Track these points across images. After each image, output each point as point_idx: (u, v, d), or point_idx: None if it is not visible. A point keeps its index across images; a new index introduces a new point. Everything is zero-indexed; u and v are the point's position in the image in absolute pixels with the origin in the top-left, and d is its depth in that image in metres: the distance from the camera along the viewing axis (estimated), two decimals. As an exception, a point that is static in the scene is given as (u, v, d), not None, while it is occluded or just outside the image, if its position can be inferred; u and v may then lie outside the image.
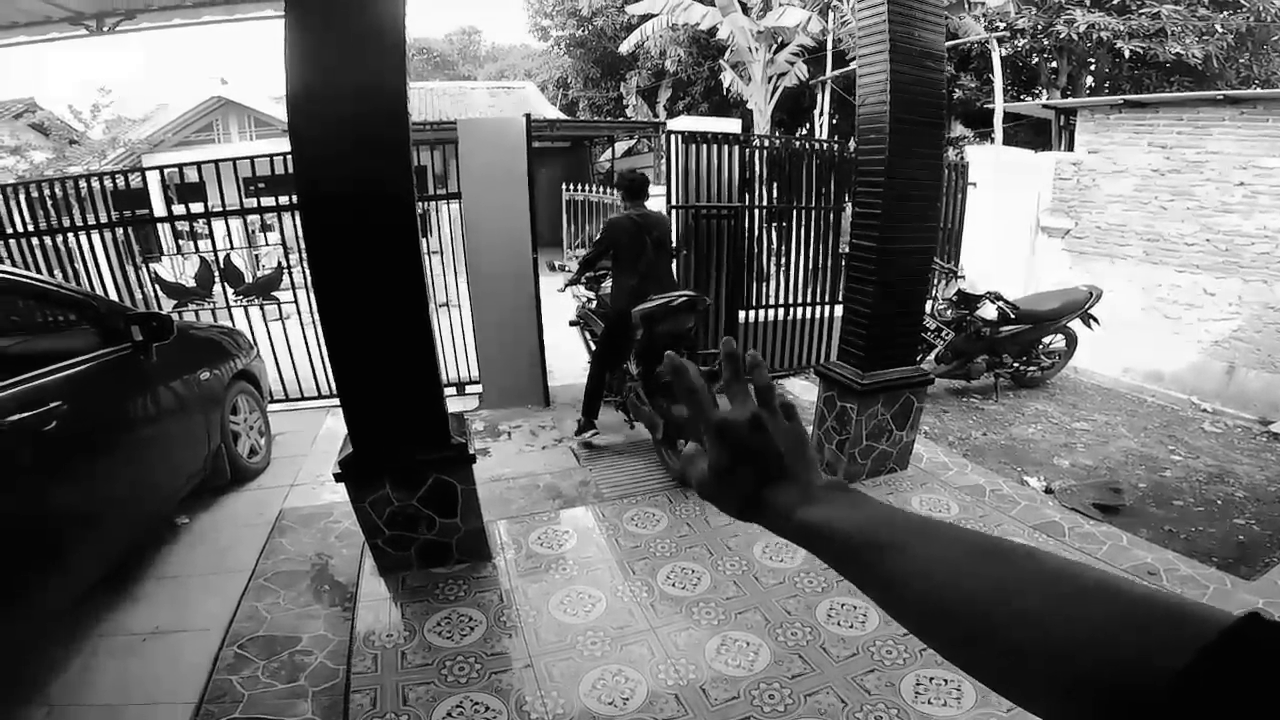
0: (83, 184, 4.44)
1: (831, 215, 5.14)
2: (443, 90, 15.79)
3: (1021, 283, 6.45)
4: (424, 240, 6.01)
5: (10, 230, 4.26)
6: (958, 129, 13.30)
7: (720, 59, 12.64)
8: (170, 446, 2.89)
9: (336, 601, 2.58)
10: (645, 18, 12.52)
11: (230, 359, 3.49)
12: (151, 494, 2.75)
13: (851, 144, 4.94)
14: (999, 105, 9.41)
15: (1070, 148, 6.79)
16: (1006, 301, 4.89)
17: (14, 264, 4.31)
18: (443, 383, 4.63)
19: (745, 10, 11.44)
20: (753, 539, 2.94)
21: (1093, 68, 12.46)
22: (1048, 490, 3.45)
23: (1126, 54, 10.48)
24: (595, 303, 4.32)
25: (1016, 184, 6.37)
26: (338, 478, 2.35)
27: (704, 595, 2.58)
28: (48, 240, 4.34)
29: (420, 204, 4.80)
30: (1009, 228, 6.39)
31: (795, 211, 5.04)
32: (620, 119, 14.49)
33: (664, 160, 12.15)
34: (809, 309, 5.32)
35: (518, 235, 4.33)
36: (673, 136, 4.42)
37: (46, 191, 4.39)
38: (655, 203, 9.50)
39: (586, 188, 10.13)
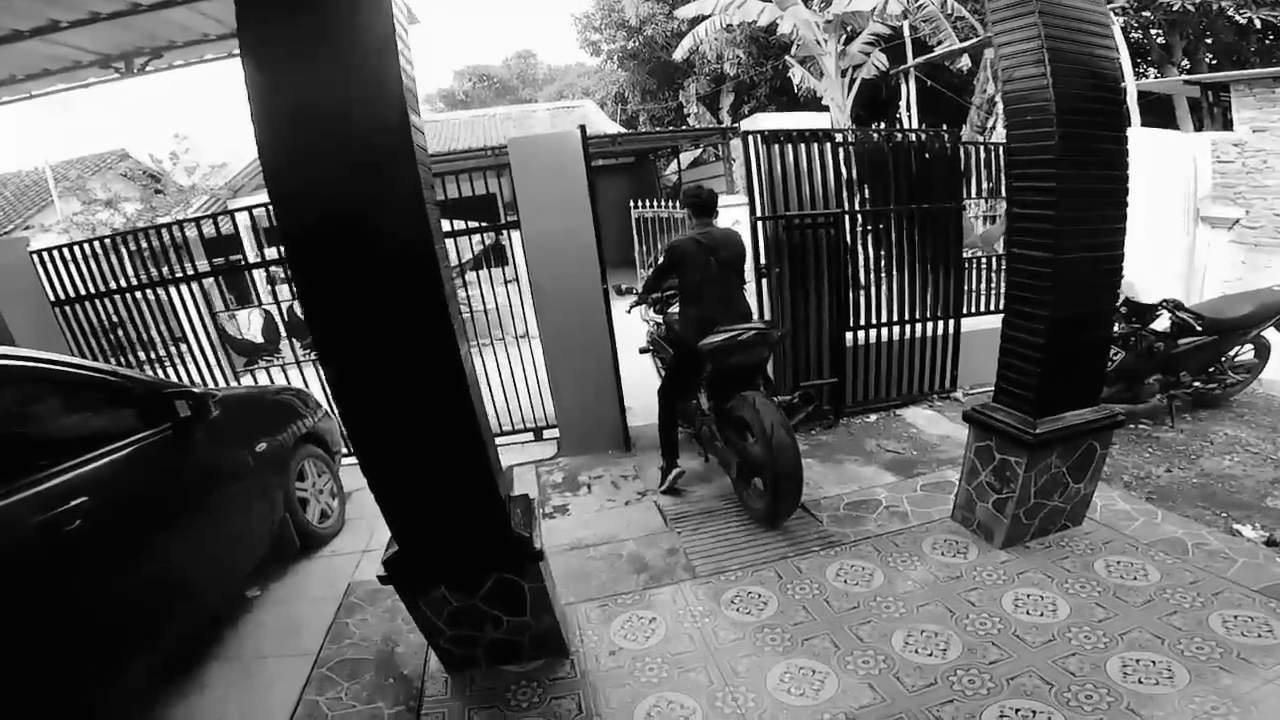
0: (166, 234, 4.29)
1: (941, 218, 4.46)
2: (505, 115, 15.87)
3: (1182, 282, 5.47)
4: (501, 270, 5.81)
5: (91, 291, 4.25)
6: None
7: (786, 56, 11.91)
8: (226, 525, 2.69)
9: (401, 699, 2.26)
10: (696, 21, 11.94)
11: (294, 422, 3.30)
12: (209, 577, 2.57)
13: (965, 131, 4.27)
14: (1131, 84, 8.07)
15: (1227, 127, 5.73)
16: (1189, 310, 4.02)
17: (108, 317, 4.32)
18: (520, 428, 4.55)
19: (806, 2, 10.71)
20: (891, 626, 2.36)
21: (1210, 41, 11.10)
22: (1270, 542, 2.66)
23: (1258, 23, 9.40)
24: (664, 328, 3.97)
25: (1167, 171, 5.42)
26: (383, 580, 2.00)
27: (829, 703, 2.03)
28: (138, 295, 4.31)
29: (494, 234, 4.62)
30: (1161, 221, 5.42)
31: (903, 214, 4.37)
32: (682, 129, 14.03)
33: (733, 167, 11.67)
34: (927, 326, 4.63)
35: (584, 263, 3.96)
36: (750, 138, 3.91)
37: (134, 245, 4.30)
38: (732, 214, 8.92)
39: (655, 203, 9.69)
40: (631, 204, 9.79)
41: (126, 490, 2.18)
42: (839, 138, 4.16)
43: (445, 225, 4.24)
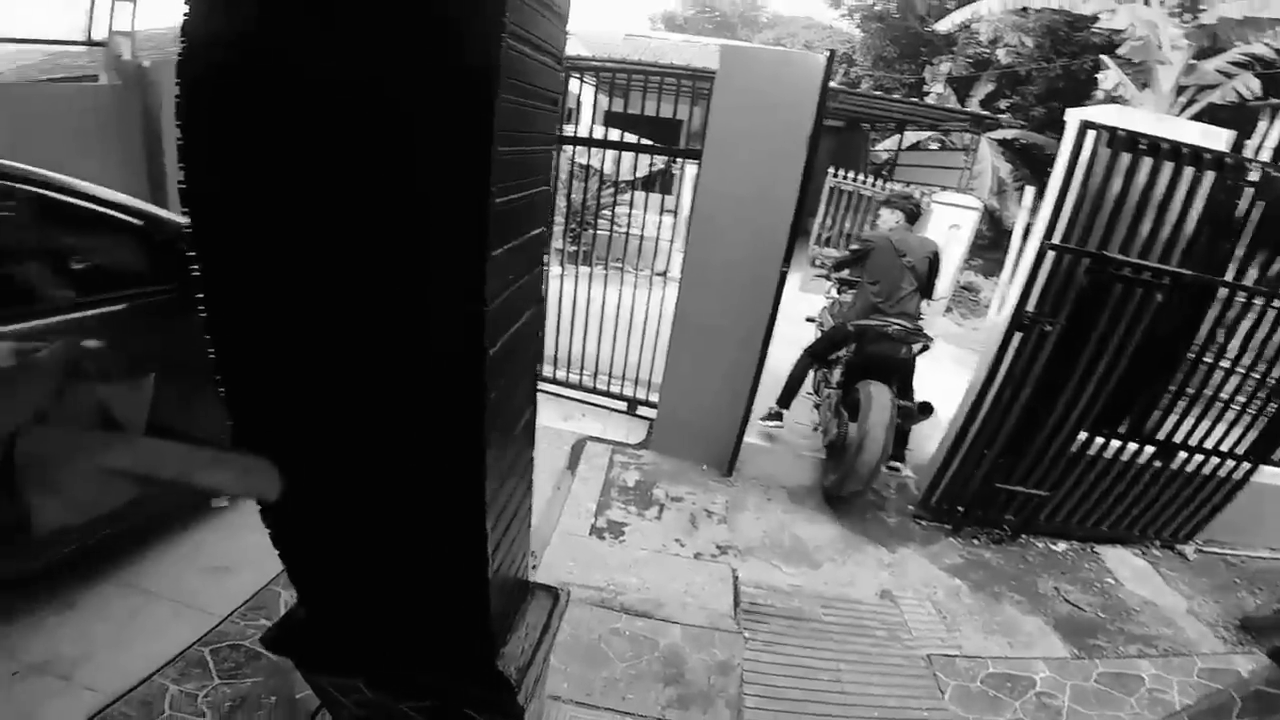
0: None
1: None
2: (715, 46, 14.50)
3: None
4: (664, 197, 4.96)
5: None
6: None
7: (1104, 55, 9.47)
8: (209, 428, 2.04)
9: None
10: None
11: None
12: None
13: None
14: None
15: None
16: None
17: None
18: (615, 391, 3.67)
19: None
20: None
21: None
22: None
23: None
24: (835, 305, 4.11)
25: None
26: (269, 645, 1.14)
27: None
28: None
29: (664, 160, 3.77)
30: None
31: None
32: (930, 105, 11.94)
33: (974, 162, 9.76)
34: (1210, 459, 3.17)
35: (769, 229, 2.87)
36: (1090, 133, 2.50)
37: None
38: (953, 215, 7.35)
39: (858, 177, 8.34)
40: (831, 171, 8.45)
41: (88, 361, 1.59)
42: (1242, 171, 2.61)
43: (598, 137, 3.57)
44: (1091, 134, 2.51)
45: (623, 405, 3.80)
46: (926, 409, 3.24)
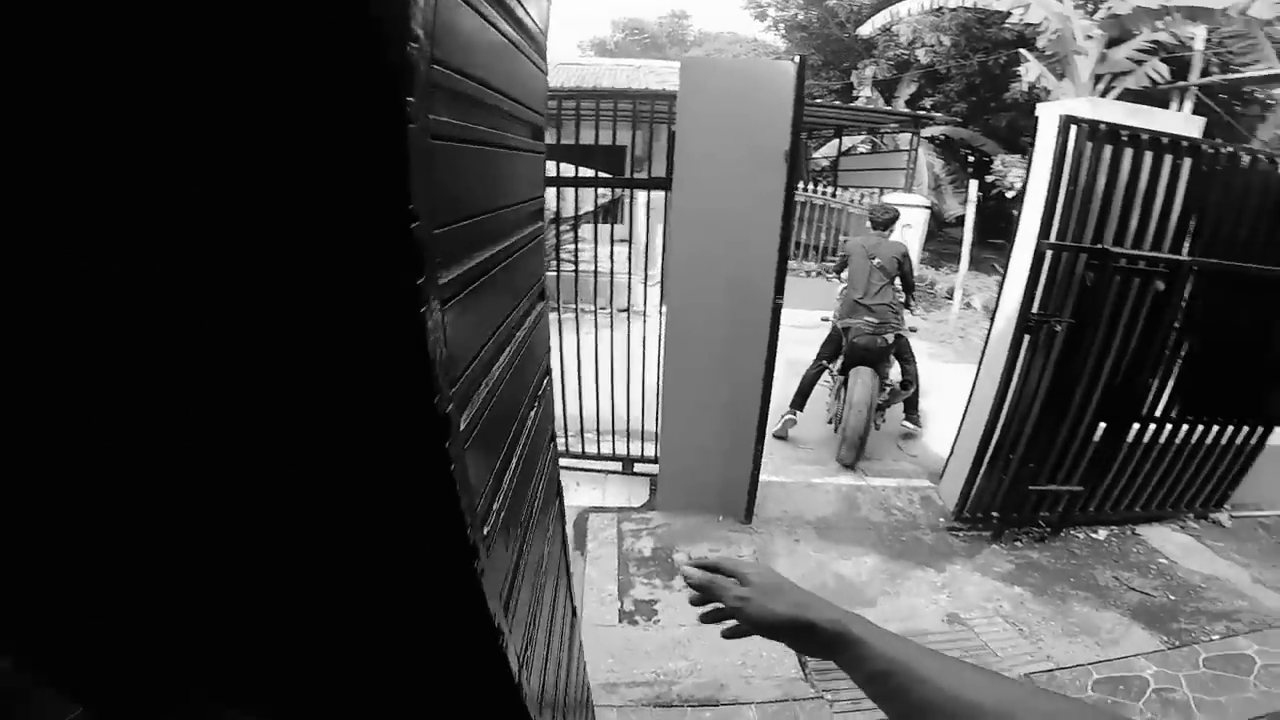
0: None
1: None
2: (648, 68, 14.52)
3: None
4: (611, 227, 4.76)
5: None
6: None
7: (1023, 50, 9.92)
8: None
9: None
10: (895, -2, 10.26)
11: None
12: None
13: None
14: None
15: None
16: None
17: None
18: (605, 453, 3.37)
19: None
20: None
21: None
22: None
23: None
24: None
25: None
26: None
27: None
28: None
29: (615, 190, 3.59)
30: None
31: (1256, 278, 2.85)
32: (868, 109, 12.29)
33: (917, 161, 10.10)
34: (1225, 429, 3.28)
35: (756, 260, 2.70)
36: (1074, 128, 2.45)
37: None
38: (915, 215, 7.53)
39: (806, 187, 8.68)
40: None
41: None
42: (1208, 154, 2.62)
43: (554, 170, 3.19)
44: (1075, 128, 2.46)
45: (617, 465, 3.53)
46: (907, 385, 4.07)
